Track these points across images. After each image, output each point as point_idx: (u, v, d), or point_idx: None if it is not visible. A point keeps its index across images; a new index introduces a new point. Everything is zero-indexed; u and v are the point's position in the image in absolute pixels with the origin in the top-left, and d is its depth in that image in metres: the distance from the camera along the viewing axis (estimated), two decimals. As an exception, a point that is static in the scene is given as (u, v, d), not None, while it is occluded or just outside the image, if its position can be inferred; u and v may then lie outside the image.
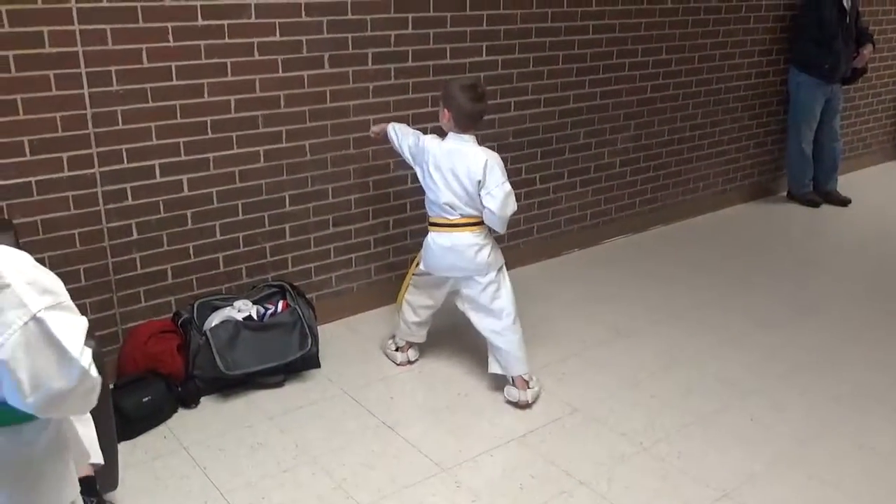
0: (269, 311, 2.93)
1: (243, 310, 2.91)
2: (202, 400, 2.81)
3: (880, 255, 4.42)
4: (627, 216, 4.57)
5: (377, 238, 3.51)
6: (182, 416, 2.72)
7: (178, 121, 2.83)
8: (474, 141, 2.71)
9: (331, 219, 3.33)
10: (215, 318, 2.85)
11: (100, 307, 2.83)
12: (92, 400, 1.19)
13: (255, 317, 2.90)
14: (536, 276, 3.98)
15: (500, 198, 2.62)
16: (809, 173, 5.27)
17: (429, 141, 2.76)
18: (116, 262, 2.83)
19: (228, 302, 2.95)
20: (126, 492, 2.29)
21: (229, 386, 2.84)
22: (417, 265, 2.92)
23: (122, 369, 2.82)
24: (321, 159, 3.22)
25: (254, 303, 2.96)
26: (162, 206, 2.88)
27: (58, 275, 1.18)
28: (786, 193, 5.42)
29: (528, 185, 3.99)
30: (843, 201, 5.28)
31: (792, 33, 4.99)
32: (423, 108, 3.42)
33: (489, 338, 2.81)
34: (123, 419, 2.48)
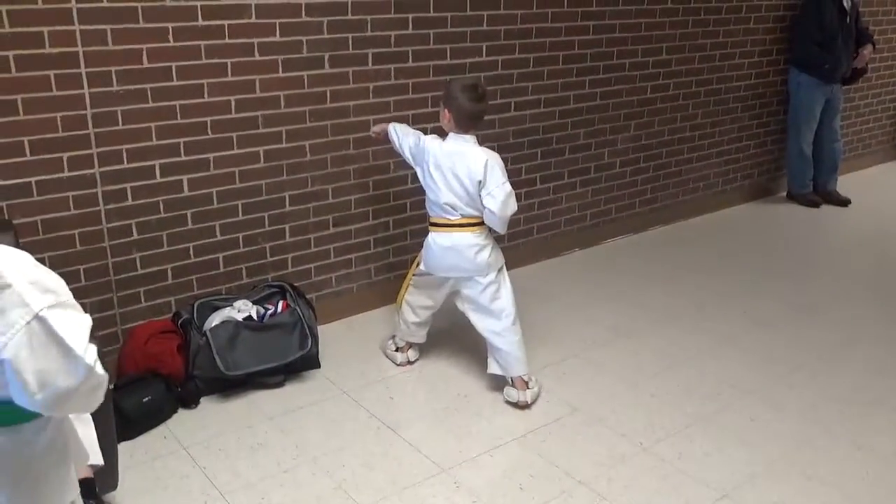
0: (269, 312, 2.93)
1: (243, 310, 2.91)
2: (202, 400, 2.81)
3: (880, 255, 4.43)
4: (627, 216, 4.57)
5: (377, 238, 3.51)
6: (182, 417, 2.72)
7: (179, 121, 2.83)
8: (475, 141, 2.70)
9: (331, 219, 3.34)
10: (215, 319, 2.86)
11: (100, 307, 2.83)
12: (98, 397, 1.19)
13: (255, 317, 2.90)
14: (536, 276, 3.98)
15: (500, 198, 2.62)
16: (809, 173, 5.27)
17: (429, 141, 2.76)
18: (116, 263, 2.84)
19: (228, 302, 2.95)
20: (126, 492, 2.29)
21: (229, 386, 2.84)
22: (418, 265, 2.92)
23: (122, 370, 2.82)
24: (321, 159, 3.22)
25: (254, 303, 2.96)
26: (162, 207, 2.88)
27: (58, 275, 1.18)
28: (786, 194, 5.41)
29: (529, 186, 3.99)
30: (843, 201, 5.28)
31: (792, 33, 4.99)
32: (424, 109, 3.42)
33: (489, 338, 2.81)
34: (123, 419, 2.48)
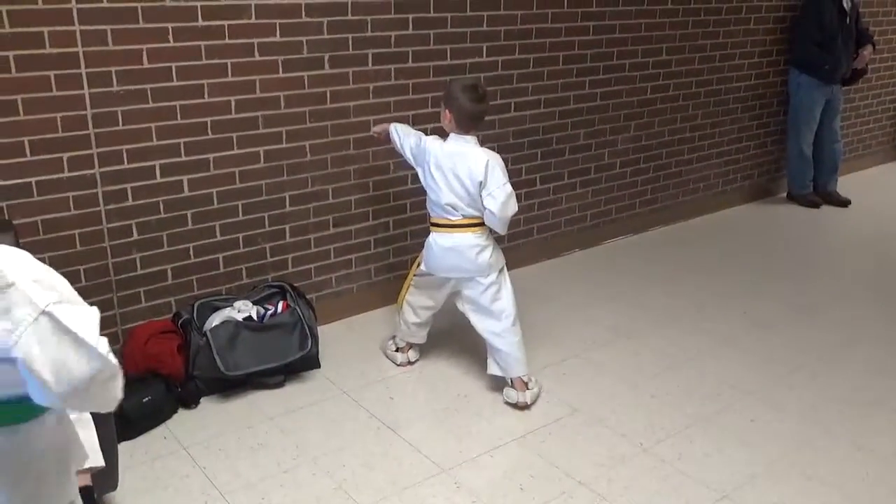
0: (270, 312, 2.93)
1: (243, 310, 2.91)
2: (202, 400, 2.81)
3: (880, 256, 4.43)
4: (628, 217, 4.57)
5: (377, 239, 3.51)
6: (182, 417, 2.72)
7: (179, 121, 2.83)
8: (476, 142, 2.70)
9: (331, 219, 3.34)
10: (215, 319, 2.85)
11: (100, 308, 2.73)
12: (115, 389, 1.18)
13: (255, 317, 2.90)
14: (536, 276, 3.98)
15: (501, 199, 2.62)
16: (809, 174, 5.27)
17: (430, 142, 2.76)
18: (117, 263, 2.84)
19: (228, 302, 2.95)
20: (126, 492, 2.29)
21: (229, 386, 2.84)
22: (418, 266, 2.92)
23: (122, 370, 2.80)
24: (321, 160, 3.22)
25: (254, 303, 2.96)
26: (162, 207, 2.88)
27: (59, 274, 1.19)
28: (786, 194, 5.42)
29: (529, 186, 3.99)
30: (843, 202, 5.28)
31: (792, 34, 4.99)
32: (424, 109, 3.42)
33: (489, 339, 2.81)
34: (123, 420, 2.47)
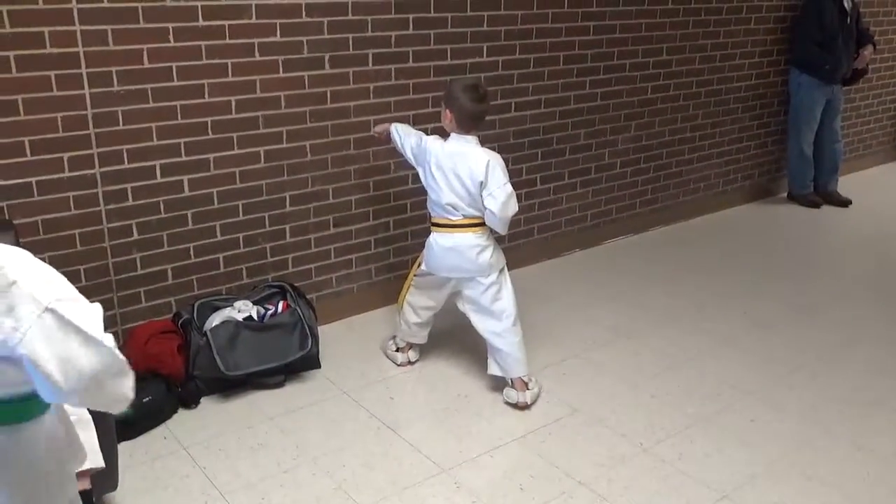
0: (270, 312, 2.93)
1: (244, 310, 2.91)
2: (202, 400, 2.81)
3: (881, 256, 4.42)
4: (628, 217, 4.57)
5: (377, 238, 3.52)
6: (182, 417, 2.72)
7: (179, 121, 2.83)
8: (476, 142, 2.70)
9: (331, 219, 3.34)
10: (216, 319, 2.85)
11: None
12: (125, 385, 1.16)
13: (255, 317, 2.90)
14: (537, 276, 3.98)
15: (501, 199, 2.62)
16: (810, 174, 5.27)
17: (431, 142, 2.75)
18: (117, 263, 2.84)
19: (229, 302, 2.95)
20: (126, 493, 2.29)
21: (229, 386, 2.84)
22: (419, 266, 2.92)
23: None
24: (322, 160, 3.22)
25: (254, 303, 2.96)
26: (162, 207, 2.88)
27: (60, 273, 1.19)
28: (786, 194, 5.41)
29: (529, 186, 3.99)
30: (844, 202, 5.28)
31: (793, 34, 4.99)
32: (424, 109, 3.42)
33: (489, 339, 2.81)
34: (123, 420, 2.48)
